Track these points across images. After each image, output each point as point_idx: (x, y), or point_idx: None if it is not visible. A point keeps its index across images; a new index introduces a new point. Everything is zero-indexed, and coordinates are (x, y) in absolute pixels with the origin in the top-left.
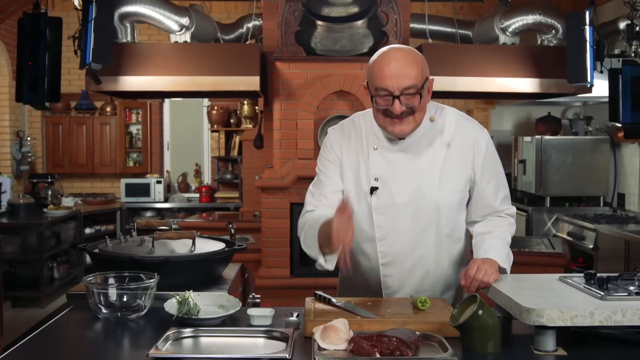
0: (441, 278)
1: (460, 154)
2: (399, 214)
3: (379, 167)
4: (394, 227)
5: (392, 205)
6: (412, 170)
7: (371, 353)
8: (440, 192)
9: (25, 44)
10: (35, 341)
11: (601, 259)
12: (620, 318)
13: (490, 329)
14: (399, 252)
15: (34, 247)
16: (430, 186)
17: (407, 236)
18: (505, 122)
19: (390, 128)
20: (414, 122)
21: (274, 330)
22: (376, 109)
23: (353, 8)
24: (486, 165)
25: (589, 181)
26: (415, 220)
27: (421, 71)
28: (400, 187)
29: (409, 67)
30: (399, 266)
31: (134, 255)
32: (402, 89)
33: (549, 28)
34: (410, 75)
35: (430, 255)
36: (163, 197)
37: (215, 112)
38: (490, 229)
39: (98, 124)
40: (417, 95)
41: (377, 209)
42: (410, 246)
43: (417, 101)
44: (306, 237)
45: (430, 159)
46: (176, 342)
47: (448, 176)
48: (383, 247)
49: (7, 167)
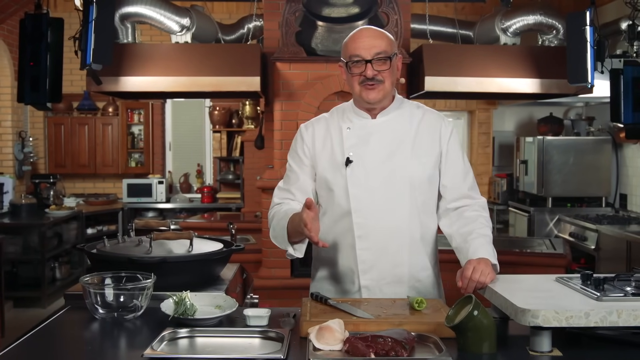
0: (416, 253)
1: (430, 130)
2: (373, 186)
3: (352, 143)
4: (368, 198)
5: (367, 178)
6: (384, 144)
7: (366, 353)
8: (413, 165)
9: (26, 45)
10: (31, 341)
11: (603, 260)
12: (616, 319)
13: (486, 330)
14: (374, 224)
15: (36, 248)
16: (402, 159)
17: (381, 208)
18: (507, 123)
19: (365, 94)
20: (384, 90)
21: (270, 331)
22: (352, 76)
23: (353, 9)
24: (453, 146)
25: (591, 182)
26: (389, 192)
27: (390, 44)
28: (373, 160)
29: (379, 37)
30: (374, 239)
31: (132, 255)
32: (374, 55)
33: (549, 28)
34: (380, 45)
35: (404, 227)
36: (165, 197)
37: (217, 112)
38: (472, 229)
39: (100, 124)
40: (387, 61)
41: (352, 181)
42: (384, 218)
43: (387, 66)
44: (275, 230)
45: (402, 134)
46: (172, 343)
47: (419, 150)
48: (359, 219)
49: (9, 167)
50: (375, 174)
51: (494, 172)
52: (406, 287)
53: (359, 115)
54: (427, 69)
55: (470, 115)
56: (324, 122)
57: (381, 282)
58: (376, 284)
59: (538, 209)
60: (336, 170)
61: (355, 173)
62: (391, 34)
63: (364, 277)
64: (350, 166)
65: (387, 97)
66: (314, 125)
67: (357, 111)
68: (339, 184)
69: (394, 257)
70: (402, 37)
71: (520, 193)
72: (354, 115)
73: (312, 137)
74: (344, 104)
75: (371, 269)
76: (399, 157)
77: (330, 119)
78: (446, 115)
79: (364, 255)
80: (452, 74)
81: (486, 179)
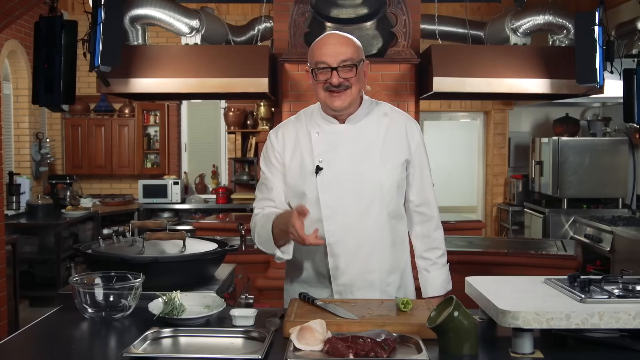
0: (385, 258)
1: (397, 135)
2: (343, 192)
3: (322, 149)
4: (339, 204)
5: (337, 184)
6: (353, 150)
7: (345, 354)
8: (382, 170)
9: (41, 47)
10: (17, 340)
11: (618, 262)
12: (597, 321)
13: (466, 331)
14: (344, 231)
15: (52, 248)
16: (372, 165)
17: (352, 214)
18: (523, 124)
19: (330, 102)
20: (351, 97)
21: (253, 331)
22: (317, 82)
23: (362, 9)
24: (419, 151)
25: (607, 183)
26: (359, 198)
27: (356, 50)
28: (343, 166)
29: (345, 44)
30: (345, 245)
31: (124, 255)
32: (340, 62)
33: (560, 28)
34: (346, 52)
35: (374, 233)
36: (180, 198)
37: (232, 113)
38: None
39: (116, 125)
40: (353, 68)
41: (322, 188)
42: (355, 224)
43: (353, 74)
44: (260, 236)
45: (370, 140)
46: (155, 342)
47: (388, 155)
48: (330, 226)
49: (26, 168)
50: (345, 180)
51: (509, 173)
52: (377, 291)
53: (327, 120)
54: (435, 70)
55: (486, 115)
56: (292, 127)
57: (353, 288)
58: (348, 289)
59: (553, 210)
60: (307, 177)
61: (326, 180)
62: (399, 34)
63: (335, 282)
64: (321, 173)
65: (354, 104)
66: (282, 130)
67: (324, 116)
68: (310, 191)
69: (365, 263)
70: (411, 38)
71: (536, 194)
72: (322, 120)
73: (283, 143)
74: (312, 107)
75: (343, 274)
76: (368, 164)
77: (297, 124)
78: (462, 116)
79: (335, 262)
80: (461, 75)
81: (502, 180)
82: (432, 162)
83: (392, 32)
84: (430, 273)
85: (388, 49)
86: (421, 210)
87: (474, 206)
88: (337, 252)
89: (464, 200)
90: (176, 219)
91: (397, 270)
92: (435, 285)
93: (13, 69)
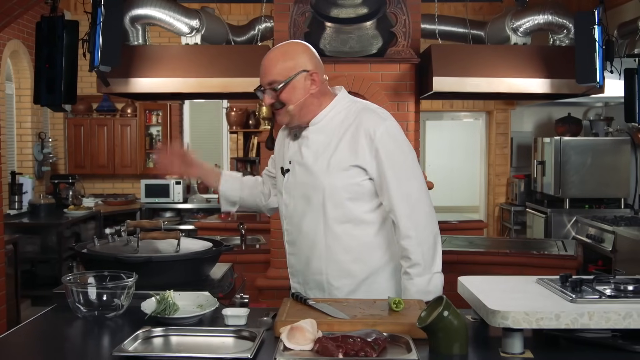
0: (334, 263)
1: (355, 140)
2: (297, 195)
3: (291, 152)
4: (294, 206)
5: (295, 186)
6: (309, 154)
7: (334, 354)
8: (327, 175)
9: (42, 47)
10: (9, 340)
11: (620, 262)
12: (587, 321)
13: (456, 331)
14: (298, 232)
15: (54, 247)
16: (320, 169)
17: (302, 216)
18: (525, 123)
19: (275, 118)
20: (289, 115)
21: (244, 330)
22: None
23: (362, 9)
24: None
25: (609, 183)
26: (309, 201)
27: (282, 70)
28: (300, 169)
29: (272, 65)
30: (299, 246)
31: (118, 254)
32: (267, 84)
33: (560, 28)
34: (271, 72)
35: (320, 237)
36: (182, 197)
37: (234, 113)
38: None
39: (119, 125)
40: (280, 90)
41: (284, 189)
42: (305, 226)
43: (279, 96)
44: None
45: (325, 144)
46: (145, 341)
47: (337, 161)
48: (287, 226)
49: (29, 168)
50: (300, 184)
51: (511, 173)
52: (326, 293)
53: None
54: (435, 70)
55: (489, 115)
56: (284, 129)
57: (306, 287)
58: (302, 288)
59: (555, 210)
60: (280, 177)
61: (287, 182)
62: (399, 34)
63: (292, 279)
64: (286, 175)
65: (300, 117)
66: (280, 131)
67: None
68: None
69: (314, 265)
70: (411, 38)
71: (538, 194)
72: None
73: (278, 142)
74: None
75: (297, 273)
76: (317, 168)
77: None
78: (464, 116)
79: (291, 260)
80: (461, 74)
81: (504, 180)
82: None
83: (392, 31)
84: (404, 282)
85: (388, 49)
86: (391, 217)
87: (476, 206)
88: (292, 251)
89: (466, 200)
90: (178, 219)
91: (350, 275)
92: (407, 295)
93: (16, 69)
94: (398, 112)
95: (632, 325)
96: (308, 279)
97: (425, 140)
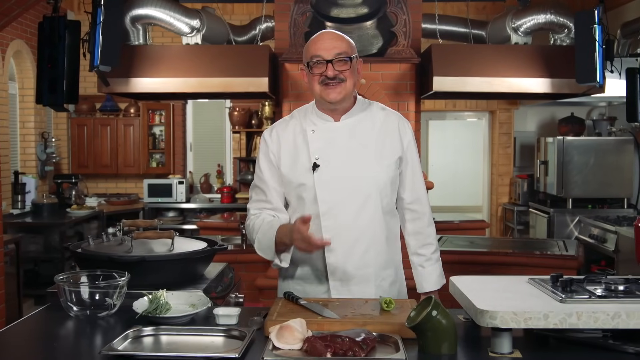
0: (381, 253)
1: (391, 133)
2: (340, 189)
3: (318, 147)
4: (336, 201)
5: (334, 180)
6: (349, 147)
7: (323, 353)
8: (377, 167)
9: (45, 47)
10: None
11: (622, 262)
12: (576, 321)
13: (445, 330)
14: (341, 226)
15: (57, 247)
16: (367, 162)
17: (348, 210)
18: (528, 123)
19: (325, 94)
20: (345, 90)
21: (235, 329)
22: (312, 76)
23: (362, 9)
24: (411, 149)
25: (612, 183)
26: (356, 195)
27: (349, 46)
28: (340, 163)
29: (339, 39)
30: (342, 241)
31: (112, 254)
32: (335, 55)
33: (561, 27)
34: (340, 46)
35: (370, 228)
36: (185, 197)
37: (236, 113)
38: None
39: (122, 125)
40: (348, 61)
41: (319, 184)
42: (351, 220)
43: (347, 67)
44: (261, 242)
45: (365, 138)
46: (135, 340)
47: (382, 153)
48: (327, 222)
49: (32, 167)
50: (341, 177)
51: (514, 172)
52: (373, 286)
53: (322, 118)
54: (435, 69)
55: (492, 115)
56: (287, 126)
57: (349, 283)
58: (345, 285)
59: (558, 210)
60: (304, 174)
61: (323, 177)
62: (400, 34)
63: (332, 278)
64: (318, 170)
65: (348, 99)
66: (277, 130)
67: (319, 114)
68: (308, 188)
69: (360, 259)
70: (411, 37)
71: (541, 194)
72: (317, 118)
73: (278, 142)
74: (306, 106)
75: (339, 270)
76: (364, 161)
77: (292, 122)
78: (467, 116)
79: (332, 258)
80: (461, 74)
81: (507, 180)
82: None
83: (392, 31)
84: (426, 269)
85: (388, 49)
86: (413, 208)
87: (479, 206)
88: (334, 248)
89: (469, 200)
90: (181, 219)
91: (391, 265)
92: (431, 280)
93: (19, 69)
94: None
95: (621, 325)
96: (352, 275)
97: (428, 139)
